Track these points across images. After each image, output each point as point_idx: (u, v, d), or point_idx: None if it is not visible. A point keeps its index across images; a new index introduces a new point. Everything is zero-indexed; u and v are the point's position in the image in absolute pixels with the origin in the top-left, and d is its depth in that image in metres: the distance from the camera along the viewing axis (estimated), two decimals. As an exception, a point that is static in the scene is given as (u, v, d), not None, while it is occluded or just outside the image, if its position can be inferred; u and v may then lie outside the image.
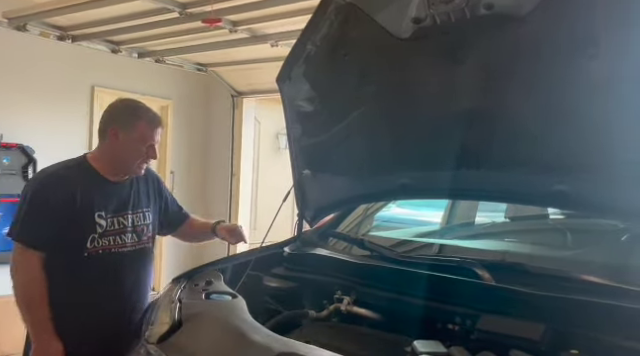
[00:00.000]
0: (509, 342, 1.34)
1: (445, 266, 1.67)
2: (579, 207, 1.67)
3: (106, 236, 1.89)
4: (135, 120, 1.91)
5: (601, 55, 1.31)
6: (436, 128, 1.70)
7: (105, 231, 1.88)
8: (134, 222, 1.96)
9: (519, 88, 1.50)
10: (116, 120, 1.93)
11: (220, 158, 6.14)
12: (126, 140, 1.90)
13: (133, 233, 1.96)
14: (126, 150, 1.90)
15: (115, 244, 1.91)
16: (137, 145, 1.90)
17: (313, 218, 2.23)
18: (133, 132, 1.89)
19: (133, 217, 1.97)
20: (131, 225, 1.95)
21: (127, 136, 1.89)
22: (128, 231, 1.94)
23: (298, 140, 2.10)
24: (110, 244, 1.90)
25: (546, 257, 1.93)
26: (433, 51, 1.61)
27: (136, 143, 1.90)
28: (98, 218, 1.87)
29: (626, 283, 1.39)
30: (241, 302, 1.54)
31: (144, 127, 1.90)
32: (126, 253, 1.94)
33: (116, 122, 1.92)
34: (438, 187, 1.86)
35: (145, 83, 5.53)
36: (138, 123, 1.90)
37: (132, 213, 1.97)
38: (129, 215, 1.96)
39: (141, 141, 1.90)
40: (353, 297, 1.76)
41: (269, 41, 4.33)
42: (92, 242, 1.86)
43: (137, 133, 1.90)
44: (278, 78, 1.98)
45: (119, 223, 1.92)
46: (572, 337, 1.30)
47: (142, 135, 1.90)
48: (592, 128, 1.40)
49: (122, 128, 1.90)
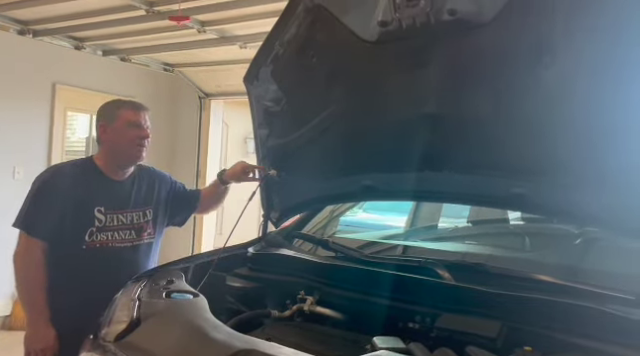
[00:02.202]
0: (467, 339, 1.37)
1: (408, 266, 1.69)
2: (536, 210, 1.72)
3: (105, 231, 1.97)
4: (117, 110, 2.02)
5: (557, 64, 1.36)
6: (400, 130, 1.73)
7: (104, 226, 1.97)
8: (133, 219, 2.04)
9: (481, 93, 1.54)
10: (102, 117, 2.04)
11: (186, 160, 6.07)
12: (114, 130, 1.99)
13: (132, 230, 2.03)
14: (117, 139, 1.99)
15: (113, 239, 1.99)
16: (125, 130, 1.98)
17: (278, 219, 2.23)
18: (118, 120, 1.99)
19: (133, 215, 2.04)
20: (130, 222, 2.03)
21: (113, 126, 1.99)
22: (127, 227, 2.02)
23: (265, 140, 2.10)
24: (108, 239, 1.98)
25: (504, 258, 1.99)
26: (399, 54, 1.64)
27: (123, 129, 1.98)
28: (97, 213, 1.96)
29: (577, 282, 1.44)
30: (202, 301, 1.52)
31: (126, 112, 2.00)
32: (123, 248, 2.01)
33: (102, 118, 2.04)
34: (401, 189, 1.88)
35: (109, 81, 5.42)
36: (120, 111, 2.01)
37: (132, 211, 2.05)
38: (128, 213, 2.03)
39: (127, 125, 1.99)
40: (316, 297, 1.76)
41: (238, 43, 4.32)
42: (90, 236, 1.95)
43: (121, 120, 1.99)
44: (245, 78, 1.98)
45: (118, 220, 2.00)
46: (526, 334, 1.34)
47: (127, 119, 1.99)
48: (548, 134, 1.45)
49: (108, 121, 2.01)
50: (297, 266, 1.90)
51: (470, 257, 1.96)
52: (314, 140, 1.95)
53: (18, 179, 4.63)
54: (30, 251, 1.93)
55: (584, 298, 1.36)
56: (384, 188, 1.89)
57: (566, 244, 2.00)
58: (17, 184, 4.32)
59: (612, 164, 1.41)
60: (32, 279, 1.92)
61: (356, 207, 3.06)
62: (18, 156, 4.71)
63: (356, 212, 3.29)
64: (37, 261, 1.92)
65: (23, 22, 4.53)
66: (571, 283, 1.45)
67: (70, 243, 1.95)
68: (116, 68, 5.48)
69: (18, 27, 4.56)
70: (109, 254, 1.98)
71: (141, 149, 2.04)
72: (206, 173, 6.00)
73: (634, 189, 1.40)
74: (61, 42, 4.91)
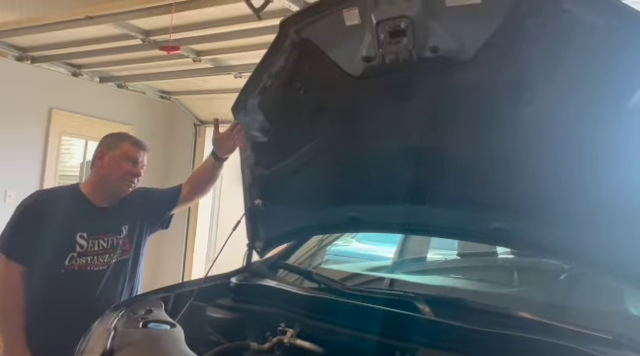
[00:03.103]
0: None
1: (389, 300, 1.68)
2: (516, 245, 1.73)
3: (85, 256, 2.00)
4: (119, 141, 2.09)
5: (536, 101, 1.39)
6: (384, 163, 1.75)
7: (85, 251, 2.00)
8: (113, 242, 2.07)
9: (462, 129, 1.57)
10: (103, 144, 2.11)
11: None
12: (111, 159, 2.05)
13: (111, 252, 2.06)
14: (111, 168, 2.05)
15: (92, 263, 2.01)
16: (121, 162, 2.04)
17: (263, 249, 2.23)
18: (118, 151, 2.06)
19: (113, 238, 2.08)
20: (110, 246, 2.06)
21: (112, 155, 2.06)
22: (106, 251, 2.05)
23: (251, 170, 2.11)
24: (87, 263, 2.00)
25: (488, 294, 1.98)
26: (382, 89, 1.67)
27: (120, 161, 2.04)
28: (79, 239, 2.00)
29: (556, 320, 1.43)
30: (179, 332, 1.50)
31: (127, 146, 2.07)
32: (101, 271, 2.03)
33: (103, 146, 2.10)
34: (385, 221, 1.89)
35: (106, 108, 5.46)
36: (122, 143, 2.08)
37: (111, 235, 2.07)
38: (109, 237, 2.07)
39: (124, 158, 2.05)
40: (297, 329, 1.74)
41: (232, 72, 4.39)
42: (70, 260, 1.98)
43: (121, 151, 2.05)
44: (234, 108, 2.01)
45: (99, 245, 2.04)
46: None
47: (125, 153, 2.05)
48: (527, 171, 1.47)
49: (108, 149, 2.07)
50: (279, 297, 1.88)
51: (455, 291, 1.95)
52: (300, 171, 1.96)
53: (9, 203, 4.62)
54: (8, 275, 1.93)
55: (562, 337, 1.35)
56: (368, 220, 1.90)
57: (552, 280, 2.00)
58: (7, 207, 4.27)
59: (591, 201, 1.43)
60: (9, 304, 1.91)
61: (349, 237, 3.06)
62: (10, 179, 4.72)
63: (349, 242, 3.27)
64: (15, 286, 1.91)
65: (22, 49, 4.59)
66: (550, 321, 1.44)
67: (49, 267, 1.96)
68: (113, 95, 5.53)
69: (17, 54, 4.63)
70: (86, 277, 2.00)
71: (130, 185, 2.08)
72: (198, 202, 5.99)
73: (613, 226, 1.41)
74: (59, 68, 4.97)
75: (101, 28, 3.68)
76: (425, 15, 1.44)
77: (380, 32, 1.52)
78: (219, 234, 6.34)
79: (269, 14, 2.88)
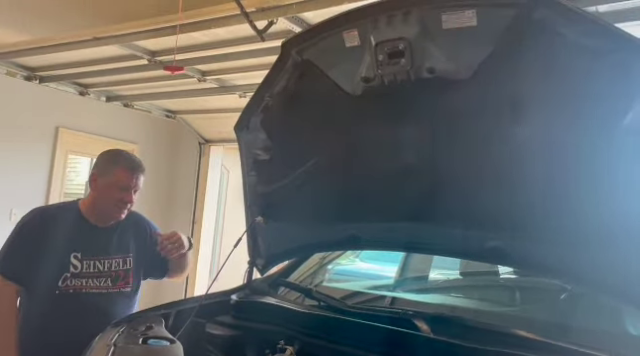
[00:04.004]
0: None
1: (387, 318, 1.69)
2: (514, 264, 1.74)
3: (80, 277, 1.95)
4: (112, 166, 2.02)
5: (531, 121, 1.42)
6: (383, 182, 1.77)
7: (80, 272, 1.95)
8: (112, 266, 2.02)
9: (458, 148, 1.59)
10: (96, 167, 2.05)
11: (183, 204, 6.10)
12: (103, 185, 2.00)
13: (108, 278, 2.00)
14: (103, 195, 2.00)
15: (87, 286, 1.96)
16: (112, 190, 1.99)
17: (264, 266, 2.23)
18: (110, 177, 2.00)
19: (112, 262, 2.02)
20: (107, 269, 2.00)
21: (104, 181, 2.00)
22: (104, 275, 1.99)
23: (253, 187, 2.14)
24: (82, 285, 1.95)
25: (489, 312, 1.97)
26: (381, 109, 1.70)
27: (112, 188, 1.99)
28: (73, 259, 1.95)
29: (554, 339, 1.43)
30: (178, 348, 1.51)
31: (120, 172, 2.00)
32: (97, 295, 1.97)
33: (96, 168, 2.05)
34: (384, 239, 1.90)
35: (112, 126, 5.54)
36: (115, 168, 2.01)
37: (112, 258, 2.02)
38: (107, 259, 2.01)
39: (116, 186, 1.99)
40: (296, 347, 1.74)
41: (237, 92, 4.45)
42: (64, 281, 1.93)
43: (113, 178, 1.99)
44: (236, 126, 2.04)
45: (95, 266, 1.98)
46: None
47: (118, 180, 1.99)
48: (522, 189, 1.49)
49: (100, 174, 2.02)
50: (279, 315, 1.89)
51: (455, 310, 1.95)
52: (300, 189, 1.98)
53: (14, 221, 4.63)
54: (3, 294, 1.91)
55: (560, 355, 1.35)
56: (368, 237, 1.91)
57: (553, 299, 2.00)
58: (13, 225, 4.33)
59: (588, 220, 1.44)
60: (4, 322, 1.89)
61: (352, 256, 3.06)
62: (16, 198, 4.76)
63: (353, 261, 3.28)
64: (10, 304, 1.90)
65: (30, 69, 4.69)
66: (549, 340, 1.44)
67: (43, 287, 1.92)
68: (119, 114, 5.61)
69: (25, 73, 4.72)
70: (82, 301, 1.95)
71: (121, 211, 2.04)
72: (202, 219, 6.02)
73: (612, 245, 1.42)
74: (66, 88, 5.06)
75: (108, 49, 3.76)
76: (422, 37, 1.48)
77: (379, 53, 1.56)
78: (222, 250, 6.35)
79: (272, 35, 2.95)
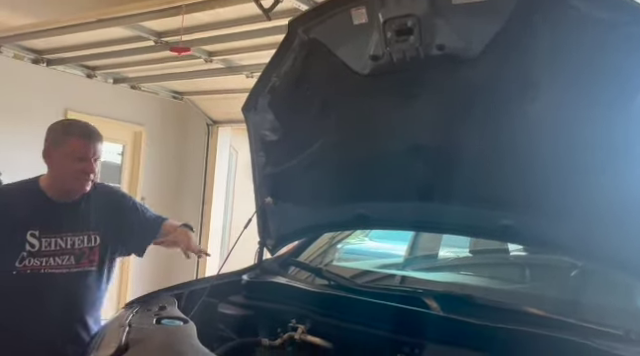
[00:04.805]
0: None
1: (397, 296, 1.70)
2: (525, 242, 1.73)
3: (39, 256, 1.83)
4: (65, 137, 1.86)
5: (543, 97, 1.39)
6: (392, 161, 1.76)
7: (39, 251, 1.83)
8: (75, 244, 1.88)
9: (468, 126, 1.57)
10: (49, 139, 1.89)
11: (193, 186, 6.13)
12: (59, 158, 1.85)
13: (71, 255, 1.87)
14: (61, 168, 1.86)
15: (47, 265, 1.83)
16: (70, 162, 1.84)
17: (274, 246, 2.25)
18: (64, 148, 1.84)
19: (75, 239, 1.88)
20: (70, 247, 1.87)
21: (59, 154, 1.85)
22: (66, 253, 1.86)
23: (262, 168, 2.14)
24: (42, 265, 1.83)
25: (499, 290, 1.98)
26: (390, 87, 1.68)
27: (68, 159, 1.84)
28: (30, 237, 1.83)
29: (565, 316, 1.44)
30: (191, 328, 1.53)
31: (75, 142, 1.84)
32: (57, 275, 1.84)
33: (49, 141, 1.88)
34: (393, 218, 1.90)
35: (119, 108, 5.54)
36: (69, 139, 1.85)
37: (74, 235, 1.88)
38: (70, 237, 1.88)
39: (73, 157, 1.84)
40: (308, 326, 1.76)
41: (244, 72, 4.42)
42: (22, 261, 1.81)
43: (68, 148, 1.84)
44: (244, 107, 2.03)
45: (56, 244, 1.85)
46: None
47: (73, 150, 1.84)
48: (535, 167, 1.47)
49: (54, 146, 1.86)
50: (290, 294, 1.91)
51: (465, 288, 1.96)
52: (309, 169, 1.98)
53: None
54: None
55: (571, 332, 1.35)
56: (377, 217, 1.91)
57: (564, 276, 1.99)
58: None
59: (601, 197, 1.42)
60: None
61: (362, 235, 3.07)
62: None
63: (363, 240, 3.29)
64: None
65: (37, 51, 4.68)
66: (559, 317, 1.45)
67: (1, 268, 1.81)
68: (126, 96, 5.61)
69: (32, 56, 4.72)
70: (40, 281, 1.83)
71: (84, 183, 1.87)
72: (212, 200, 6.05)
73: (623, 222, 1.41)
74: (73, 70, 5.05)
75: (114, 30, 3.74)
76: (432, 13, 1.45)
77: (387, 31, 1.54)
78: (233, 231, 6.40)
79: (279, 14, 2.90)
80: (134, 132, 5.83)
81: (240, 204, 6.62)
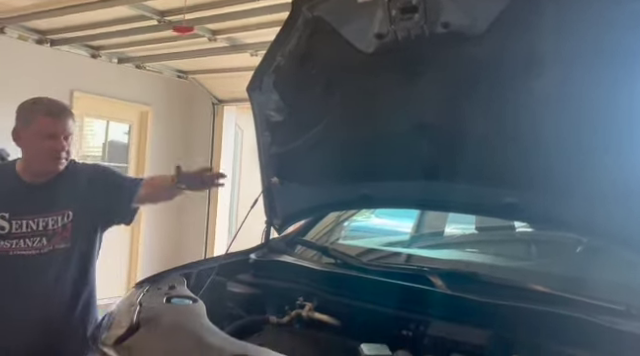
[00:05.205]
0: (456, 347, 1.39)
1: (403, 274, 1.72)
2: (528, 219, 1.74)
3: (9, 239, 1.78)
4: (33, 114, 1.80)
5: (546, 75, 1.38)
6: (396, 140, 1.76)
7: (9, 233, 1.78)
8: (48, 225, 1.82)
9: (473, 104, 1.57)
10: (17, 119, 1.83)
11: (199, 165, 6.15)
12: (28, 137, 1.79)
13: (43, 237, 1.81)
14: (31, 148, 1.81)
15: (16, 247, 1.79)
16: (39, 140, 1.78)
17: (281, 226, 2.27)
18: (33, 127, 1.78)
19: (48, 220, 1.82)
20: (42, 228, 1.81)
21: (28, 133, 1.79)
22: (37, 234, 1.81)
23: (267, 148, 2.14)
24: (10, 247, 1.78)
25: (504, 267, 1.99)
26: (395, 66, 1.68)
27: (38, 138, 1.78)
28: (0, 220, 1.79)
29: (569, 292, 1.45)
30: (201, 306, 1.56)
31: (42, 119, 1.78)
32: (28, 257, 1.79)
33: (18, 121, 1.83)
34: (397, 197, 1.91)
35: (125, 88, 5.54)
36: (36, 116, 1.79)
37: (47, 215, 1.83)
38: (42, 218, 1.82)
39: (41, 135, 1.78)
40: (315, 303, 1.79)
41: (248, 50, 4.39)
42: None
43: (36, 126, 1.78)
44: (248, 87, 2.03)
45: (27, 226, 1.80)
46: (515, 342, 1.35)
47: (41, 128, 1.77)
48: (539, 144, 1.47)
49: (23, 127, 1.81)
50: (297, 273, 1.93)
51: (470, 266, 1.97)
52: (314, 149, 1.98)
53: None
54: None
55: (574, 308, 1.37)
56: (381, 196, 1.92)
57: (569, 253, 2.00)
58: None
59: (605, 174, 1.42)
60: None
61: (368, 212, 3.08)
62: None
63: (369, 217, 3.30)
64: None
65: (41, 32, 4.66)
66: (563, 293, 1.46)
67: None
68: (131, 75, 5.60)
69: (36, 37, 4.70)
70: (10, 263, 1.78)
71: (57, 162, 1.81)
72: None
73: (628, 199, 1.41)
74: (78, 51, 5.04)
75: (117, 9, 3.72)
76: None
77: (392, 8, 1.53)
78: (239, 209, 6.44)
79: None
80: (140, 112, 5.84)
81: (247, 183, 6.65)
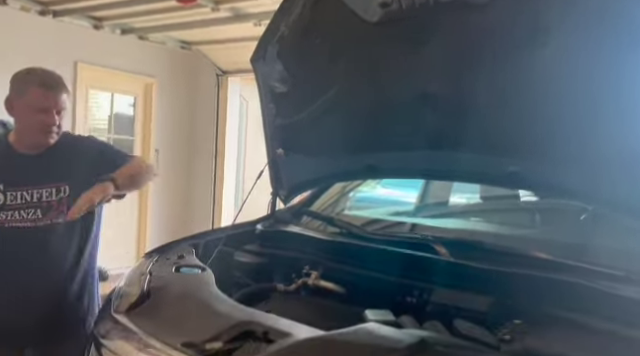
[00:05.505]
0: (458, 313, 1.42)
1: (407, 243, 1.75)
2: (532, 188, 1.75)
3: (4, 210, 1.78)
4: (25, 86, 1.77)
5: (552, 43, 1.37)
6: (401, 110, 1.76)
7: (3, 205, 1.78)
8: (42, 197, 1.80)
9: (478, 73, 1.56)
10: (11, 89, 1.81)
11: (205, 137, 6.17)
12: (20, 108, 1.78)
13: (38, 208, 1.79)
14: (23, 120, 1.80)
15: (12, 219, 1.78)
16: (31, 113, 1.76)
17: (287, 196, 2.29)
18: (25, 98, 1.76)
19: (42, 192, 1.81)
20: (37, 200, 1.80)
21: (20, 104, 1.77)
22: (32, 206, 1.79)
23: (272, 120, 2.15)
24: (6, 219, 1.78)
25: (508, 236, 2.02)
26: (399, 35, 1.66)
27: (29, 110, 1.76)
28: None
29: (570, 259, 1.48)
30: (209, 275, 1.60)
31: (34, 91, 1.75)
32: (23, 229, 1.78)
33: (11, 91, 1.81)
34: (402, 168, 1.92)
35: (129, 60, 5.51)
36: (28, 88, 1.76)
37: (41, 187, 1.81)
38: (36, 189, 1.80)
39: (33, 107, 1.75)
40: (320, 272, 1.83)
41: (252, 20, 4.34)
42: None
43: (28, 99, 1.76)
44: (252, 58, 2.02)
45: (22, 197, 1.79)
46: (517, 308, 1.38)
47: (32, 101, 1.75)
48: (544, 113, 1.47)
49: (15, 97, 1.79)
50: (303, 242, 1.97)
51: (474, 234, 2.00)
52: (319, 120, 1.99)
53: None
54: None
55: (575, 274, 1.39)
56: (386, 167, 1.93)
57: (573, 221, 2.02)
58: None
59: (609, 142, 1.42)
60: None
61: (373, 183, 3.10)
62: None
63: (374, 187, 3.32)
64: None
65: (43, 3, 4.62)
66: (564, 260, 1.48)
67: None
68: (135, 47, 5.56)
69: (39, 8, 4.66)
70: (6, 235, 1.78)
71: (47, 136, 1.79)
72: (224, 151, 6.10)
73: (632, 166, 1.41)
74: (81, 22, 5.00)
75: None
76: (441, -43, 1.41)
77: (396, -24, 1.50)
78: (246, 180, 6.48)
79: (285, -41, 2.82)
80: (145, 84, 5.82)
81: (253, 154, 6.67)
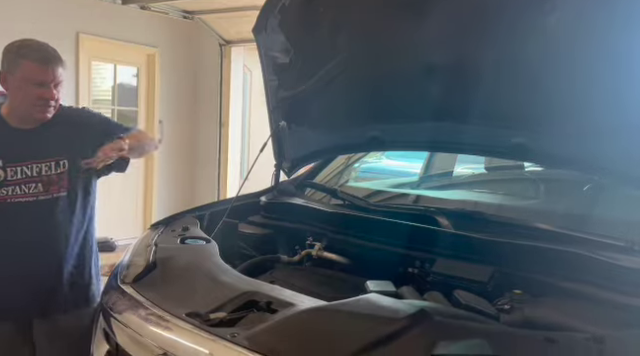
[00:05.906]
0: (459, 284, 1.44)
1: (409, 214, 1.76)
2: (536, 159, 1.74)
3: (5, 186, 1.76)
4: (20, 59, 1.72)
5: (557, 10, 1.34)
6: (405, 81, 1.74)
7: (4, 181, 1.76)
8: (42, 171, 1.79)
9: (483, 43, 1.53)
10: (3, 62, 1.76)
11: (209, 108, 6.14)
12: (15, 83, 1.74)
13: (38, 183, 1.78)
14: (18, 94, 1.75)
15: (13, 195, 1.77)
16: (26, 87, 1.72)
17: (290, 169, 2.30)
18: (20, 72, 1.72)
19: (42, 166, 1.79)
20: (37, 174, 1.79)
21: (15, 78, 1.73)
22: (32, 181, 1.78)
23: (275, 92, 2.13)
24: (8, 194, 1.76)
25: (511, 207, 2.02)
26: (403, 4, 1.63)
27: (24, 84, 1.72)
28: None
29: (571, 230, 1.48)
30: (214, 246, 1.62)
31: (29, 65, 1.71)
32: (25, 203, 1.77)
33: (3, 64, 1.75)
34: (407, 139, 1.92)
35: (131, 30, 5.45)
36: (23, 61, 1.71)
37: (41, 162, 1.79)
38: (36, 164, 1.79)
39: (28, 81, 1.72)
40: (324, 243, 1.85)
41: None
42: None
43: (22, 73, 1.72)
44: (254, 29, 2.00)
45: (22, 172, 1.78)
46: (517, 279, 1.40)
47: (28, 75, 1.71)
48: (549, 83, 1.45)
49: (9, 70, 1.74)
50: (306, 214, 1.98)
51: (477, 206, 2.00)
52: (322, 91, 1.97)
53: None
54: None
55: (575, 245, 1.40)
56: (389, 138, 1.93)
57: (576, 191, 2.02)
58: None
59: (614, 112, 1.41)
60: None
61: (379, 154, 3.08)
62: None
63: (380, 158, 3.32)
64: None
65: (43, -27, 4.56)
66: (565, 231, 1.49)
67: None
68: (137, 17, 5.49)
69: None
70: (10, 210, 1.77)
71: (44, 110, 1.76)
72: (229, 121, 6.09)
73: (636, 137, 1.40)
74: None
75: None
76: None
77: (399, -57, 1.47)
78: (251, 151, 6.48)
79: None
80: (147, 54, 5.77)
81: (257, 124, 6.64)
